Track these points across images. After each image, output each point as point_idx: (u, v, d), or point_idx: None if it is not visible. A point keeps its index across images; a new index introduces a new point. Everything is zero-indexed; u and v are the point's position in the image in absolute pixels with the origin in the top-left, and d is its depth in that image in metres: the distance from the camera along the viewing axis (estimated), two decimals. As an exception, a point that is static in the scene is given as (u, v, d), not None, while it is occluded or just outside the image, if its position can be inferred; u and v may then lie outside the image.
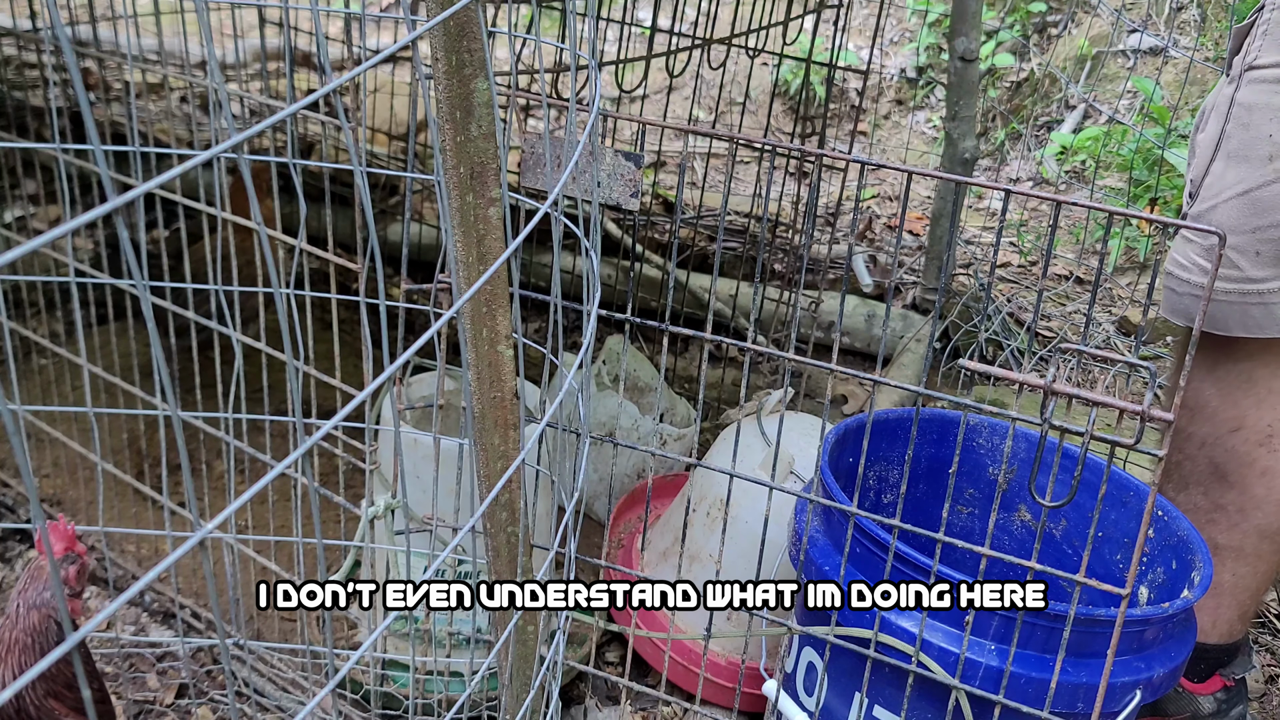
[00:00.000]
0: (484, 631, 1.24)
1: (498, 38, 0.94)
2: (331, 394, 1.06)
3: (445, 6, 0.65)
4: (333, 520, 1.52)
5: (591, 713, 1.31)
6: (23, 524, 1.49)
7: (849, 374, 0.96)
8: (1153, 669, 0.96)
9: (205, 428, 1.26)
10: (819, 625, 1.04)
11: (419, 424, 1.30)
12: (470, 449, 0.80)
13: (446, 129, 0.69)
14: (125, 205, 0.37)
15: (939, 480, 1.23)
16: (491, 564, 0.83)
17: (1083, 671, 0.93)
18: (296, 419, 0.50)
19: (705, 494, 1.33)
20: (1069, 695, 0.93)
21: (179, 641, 1.26)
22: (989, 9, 3.64)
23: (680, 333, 0.98)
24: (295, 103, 0.47)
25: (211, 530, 0.40)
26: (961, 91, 2.15)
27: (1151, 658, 0.96)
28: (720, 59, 1.91)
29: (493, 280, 0.72)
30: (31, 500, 0.37)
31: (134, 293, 1.62)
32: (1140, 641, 0.95)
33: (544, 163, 0.88)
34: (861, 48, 3.78)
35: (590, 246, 0.78)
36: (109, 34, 2.88)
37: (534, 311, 2.26)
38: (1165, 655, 0.97)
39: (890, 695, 1.00)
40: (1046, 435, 0.78)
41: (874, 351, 2.20)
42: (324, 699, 0.55)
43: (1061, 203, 0.76)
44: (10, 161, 1.81)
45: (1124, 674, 0.94)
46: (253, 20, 3.15)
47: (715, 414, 1.92)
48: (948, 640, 0.95)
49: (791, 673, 1.11)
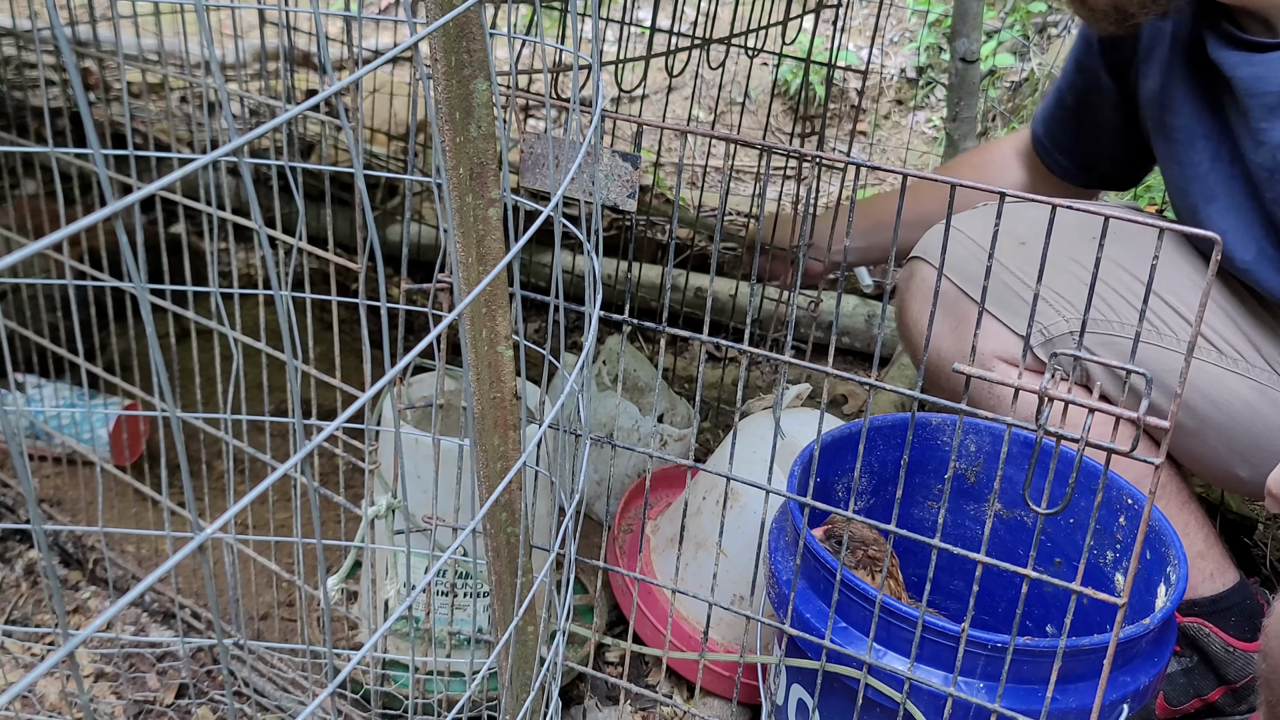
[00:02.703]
0: (484, 631, 1.24)
1: (497, 38, 0.94)
2: (331, 392, 1.06)
3: (445, 7, 0.65)
4: (333, 520, 1.52)
5: (591, 713, 1.31)
6: (22, 524, 1.49)
7: (844, 377, 0.97)
8: (1138, 680, 0.95)
9: (205, 428, 1.26)
10: (804, 659, 1.03)
11: (419, 424, 1.30)
12: (470, 449, 0.80)
13: (446, 129, 0.69)
14: (125, 207, 0.37)
15: (911, 482, 1.23)
16: (491, 564, 0.83)
17: (1071, 697, 0.92)
18: (296, 420, 0.50)
19: (715, 483, 1.34)
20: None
21: (179, 641, 1.26)
22: (989, 9, 3.64)
23: (679, 334, 0.98)
24: (295, 103, 0.47)
25: (213, 532, 0.40)
26: (962, 92, 2.15)
27: (1137, 669, 0.96)
28: (720, 59, 1.91)
29: (492, 281, 0.73)
30: (30, 501, 0.38)
31: (134, 293, 1.62)
32: (1126, 656, 0.95)
33: (544, 163, 0.88)
34: (861, 48, 3.78)
35: (591, 248, 0.78)
36: (108, 34, 2.88)
37: (534, 311, 2.26)
38: (1149, 664, 0.97)
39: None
40: (1042, 440, 0.78)
41: (873, 351, 2.20)
42: (324, 699, 0.55)
43: (1057, 206, 0.76)
44: (10, 162, 1.81)
45: (1112, 691, 0.94)
46: (253, 20, 3.15)
47: (715, 414, 1.93)
48: (937, 681, 0.94)
49: (782, 706, 1.11)
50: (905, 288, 1.39)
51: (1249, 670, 1.29)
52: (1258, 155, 1.17)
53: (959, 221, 1.28)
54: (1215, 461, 1.30)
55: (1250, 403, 1.26)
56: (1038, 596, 1.22)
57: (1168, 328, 1.28)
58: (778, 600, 1.05)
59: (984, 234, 1.29)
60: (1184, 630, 1.30)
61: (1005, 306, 1.28)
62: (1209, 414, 1.26)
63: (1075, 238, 1.30)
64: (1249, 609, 1.30)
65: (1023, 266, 1.28)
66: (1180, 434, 1.28)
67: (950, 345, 1.30)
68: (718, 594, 1.15)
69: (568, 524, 0.84)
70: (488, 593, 1.04)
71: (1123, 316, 1.28)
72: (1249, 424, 1.26)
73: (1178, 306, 1.28)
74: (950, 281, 1.28)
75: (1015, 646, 0.88)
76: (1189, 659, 1.31)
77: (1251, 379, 1.26)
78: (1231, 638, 1.29)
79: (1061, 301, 1.28)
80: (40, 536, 0.40)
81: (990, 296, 1.25)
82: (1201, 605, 1.30)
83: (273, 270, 0.47)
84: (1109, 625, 0.97)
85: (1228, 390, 1.26)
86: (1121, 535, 1.12)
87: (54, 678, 1.29)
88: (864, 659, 0.95)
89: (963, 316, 1.28)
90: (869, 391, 0.88)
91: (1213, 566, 1.30)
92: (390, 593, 1.21)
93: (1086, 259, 1.28)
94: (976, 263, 1.28)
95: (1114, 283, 1.29)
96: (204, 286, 1.06)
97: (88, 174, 1.98)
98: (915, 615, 0.92)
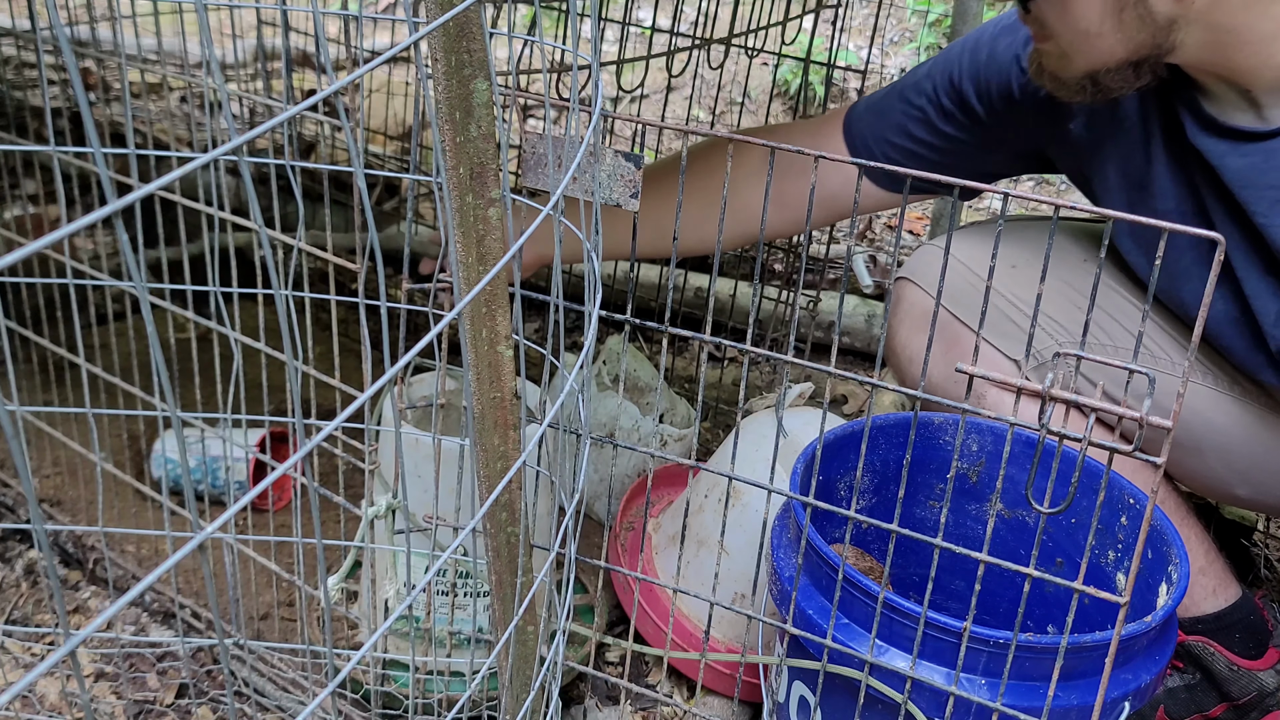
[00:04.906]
0: (484, 631, 1.24)
1: (497, 38, 0.94)
2: (330, 392, 1.06)
3: (445, 7, 0.65)
4: (332, 520, 1.52)
5: (591, 713, 1.31)
6: (22, 524, 1.49)
7: (846, 376, 0.97)
8: (1140, 678, 0.95)
9: (205, 428, 1.26)
10: (806, 659, 1.03)
11: (419, 424, 1.30)
12: (470, 449, 0.80)
13: (446, 129, 0.69)
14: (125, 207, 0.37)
15: (913, 481, 1.23)
16: (491, 564, 0.83)
17: (1072, 694, 0.92)
18: (297, 420, 0.50)
19: (717, 481, 1.34)
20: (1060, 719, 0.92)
21: (179, 641, 1.26)
22: (989, 9, 3.63)
23: (681, 334, 0.98)
24: (294, 103, 0.47)
25: (212, 532, 0.40)
26: (961, 91, 2.15)
27: (1138, 667, 0.96)
28: (719, 59, 1.91)
29: (492, 281, 0.72)
30: (30, 501, 0.37)
31: (134, 293, 1.62)
32: (1128, 654, 0.95)
33: (545, 163, 0.88)
34: (861, 48, 3.78)
35: (590, 248, 0.78)
36: (108, 34, 2.88)
37: (534, 311, 2.26)
38: (1150, 662, 0.97)
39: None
40: (1044, 440, 0.78)
41: (874, 351, 2.20)
42: (324, 699, 0.55)
43: (1061, 206, 0.76)
44: (10, 161, 1.81)
45: (1114, 689, 0.94)
46: (253, 20, 3.14)
47: (715, 414, 1.93)
48: (939, 679, 0.94)
49: (784, 703, 1.11)
50: (894, 311, 1.35)
51: (1253, 688, 1.28)
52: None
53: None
54: (1214, 481, 1.30)
55: (1248, 425, 1.25)
56: (1039, 597, 1.22)
57: (1162, 350, 1.27)
58: (780, 597, 1.05)
59: (973, 255, 1.27)
60: (1188, 648, 1.29)
61: (996, 330, 1.26)
62: (1206, 435, 1.25)
63: (1066, 260, 1.29)
64: (1253, 624, 1.29)
65: (1013, 289, 1.26)
66: (1179, 452, 1.27)
67: (941, 370, 1.28)
68: (719, 592, 1.14)
69: (568, 523, 0.84)
70: (488, 592, 1.04)
71: (1116, 340, 1.28)
72: (1248, 446, 1.25)
73: (1170, 330, 1.28)
74: (941, 305, 1.27)
75: (1018, 643, 0.88)
76: (1192, 676, 1.30)
77: (1248, 401, 1.25)
78: (1236, 655, 1.28)
79: (1054, 325, 1.27)
80: (40, 536, 0.40)
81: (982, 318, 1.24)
82: (1205, 623, 1.28)
83: (273, 270, 0.47)
84: (1110, 625, 0.97)
85: (1225, 414, 1.25)
86: (1123, 535, 1.12)
87: (54, 677, 1.29)
88: (866, 658, 0.95)
89: (954, 340, 1.27)
90: (870, 391, 0.88)
91: (1214, 582, 1.29)
92: (390, 593, 1.21)
93: (1076, 281, 1.27)
94: (965, 285, 1.26)
95: (1107, 305, 1.28)
96: (204, 286, 1.06)
97: (87, 174, 1.98)
98: (918, 611, 0.92)
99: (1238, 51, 1.04)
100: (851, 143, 1.41)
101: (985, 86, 1.30)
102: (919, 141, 1.36)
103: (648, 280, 2.27)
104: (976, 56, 1.31)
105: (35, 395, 1.68)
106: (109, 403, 1.49)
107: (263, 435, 1.58)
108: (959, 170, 1.34)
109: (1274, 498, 1.28)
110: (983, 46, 1.31)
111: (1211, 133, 1.11)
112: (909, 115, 1.36)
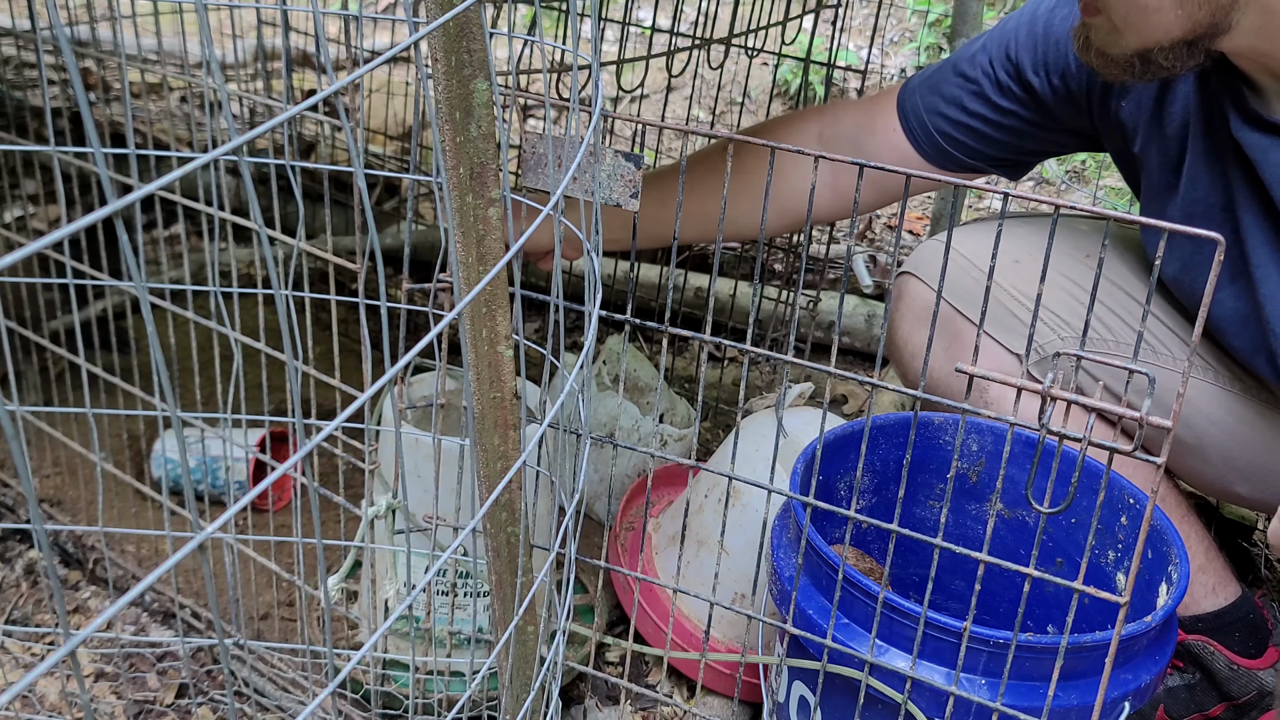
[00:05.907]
0: (484, 631, 1.24)
1: (497, 38, 0.94)
2: (330, 392, 1.06)
3: (445, 7, 0.65)
4: (333, 520, 1.52)
5: (591, 713, 1.31)
6: (22, 524, 1.49)
7: (846, 376, 0.97)
8: (1140, 678, 0.95)
9: (205, 428, 1.26)
10: (806, 658, 1.03)
11: (419, 424, 1.30)
12: (470, 449, 0.80)
13: (446, 129, 0.69)
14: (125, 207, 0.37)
15: (913, 481, 1.23)
16: (491, 564, 0.83)
17: (1073, 694, 0.92)
18: (297, 420, 0.50)
19: (717, 481, 1.34)
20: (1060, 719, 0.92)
21: (179, 641, 1.26)
22: (989, 9, 3.63)
23: (681, 334, 0.98)
24: (294, 103, 0.47)
25: (212, 532, 0.40)
26: (961, 91, 2.15)
27: (1138, 666, 0.96)
28: (719, 59, 1.91)
29: (493, 280, 0.72)
30: (30, 501, 0.37)
31: (134, 293, 1.62)
32: (1128, 654, 0.95)
33: (545, 163, 0.88)
34: (861, 48, 3.78)
35: (591, 247, 0.78)
36: (108, 34, 2.88)
37: (534, 311, 2.26)
38: (1150, 662, 0.97)
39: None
40: (1044, 439, 0.78)
41: (874, 351, 2.20)
42: (324, 699, 0.55)
43: (1060, 206, 0.76)
44: (10, 161, 1.81)
45: (1114, 689, 0.94)
46: (253, 20, 3.14)
47: (714, 414, 1.93)
48: (939, 679, 0.94)
49: (784, 703, 1.11)
50: (895, 306, 1.35)
51: (1252, 687, 1.28)
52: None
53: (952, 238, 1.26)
54: (1215, 478, 1.30)
55: (1250, 422, 1.25)
56: (1039, 597, 1.22)
57: (1164, 347, 1.27)
58: (780, 597, 1.05)
59: (976, 251, 1.27)
60: (1188, 647, 1.29)
61: (999, 325, 1.26)
62: (1208, 432, 1.25)
63: (1068, 256, 1.29)
64: (1253, 623, 1.29)
65: (1017, 284, 1.26)
66: (1180, 450, 1.27)
67: (943, 365, 1.28)
68: (719, 592, 1.14)
69: (568, 523, 0.84)
70: (488, 592, 1.04)
71: (1119, 336, 1.27)
72: (1249, 442, 1.25)
73: (1174, 327, 1.27)
74: (943, 299, 1.27)
75: (1018, 643, 0.88)
76: (1192, 675, 1.30)
77: (1250, 398, 1.25)
78: (1235, 655, 1.28)
79: (1057, 320, 1.26)
80: (40, 536, 0.40)
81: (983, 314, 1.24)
82: (1205, 621, 1.28)
83: (273, 270, 0.47)
84: (1110, 625, 0.97)
85: (1227, 410, 1.25)
86: (1123, 535, 1.12)
87: (54, 677, 1.29)
88: (866, 658, 0.95)
89: (956, 334, 1.26)
90: (870, 391, 0.88)
91: (1214, 580, 1.29)
92: (390, 593, 1.21)
93: (1080, 277, 1.27)
94: (969, 280, 1.26)
95: (1110, 301, 1.28)
96: (204, 286, 1.06)
97: (87, 174, 1.98)
98: (918, 611, 0.92)
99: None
100: (905, 117, 1.39)
101: (1042, 60, 1.28)
102: (973, 115, 1.34)
103: (648, 280, 2.27)
104: (1034, 29, 1.29)
105: (35, 395, 1.68)
106: (109, 403, 1.49)
107: (263, 435, 1.58)
108: (1012, 146, 1.35)
109: (1274, 495, 1.28)
110: (1039, 19, 1.29)
111: (1255, 127, 1.09)
112: (963, 88, 1.34)
